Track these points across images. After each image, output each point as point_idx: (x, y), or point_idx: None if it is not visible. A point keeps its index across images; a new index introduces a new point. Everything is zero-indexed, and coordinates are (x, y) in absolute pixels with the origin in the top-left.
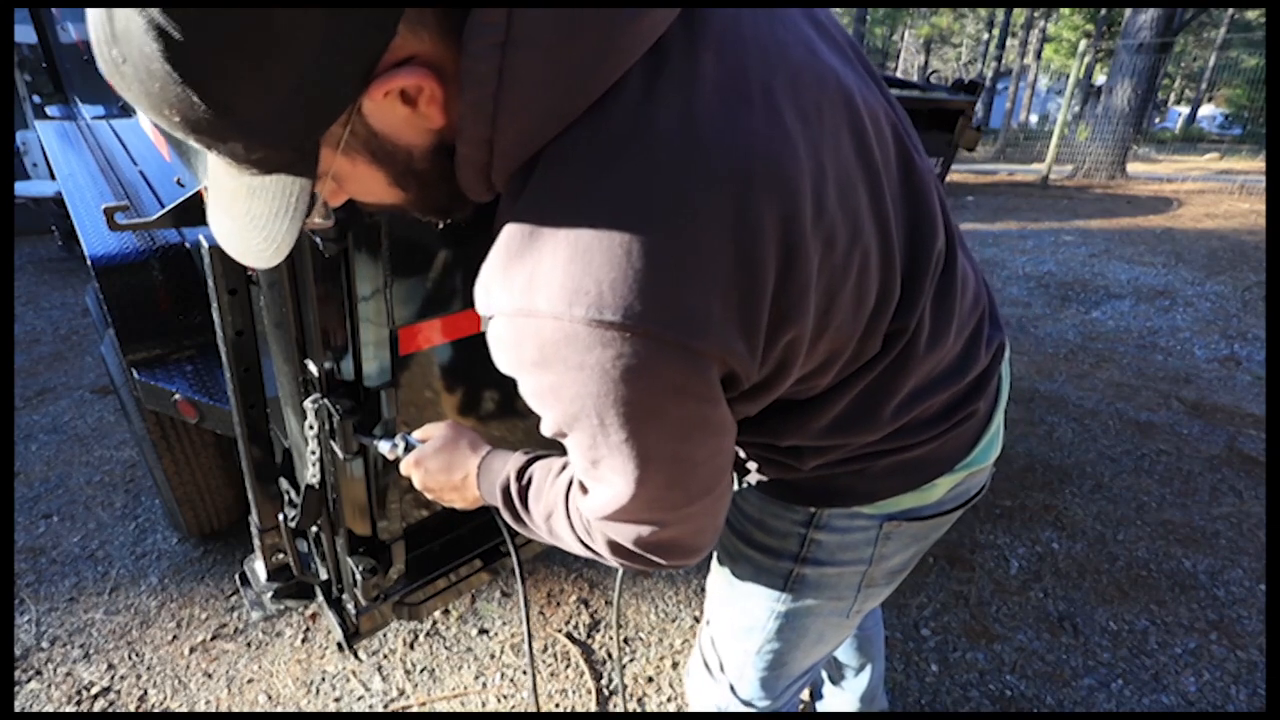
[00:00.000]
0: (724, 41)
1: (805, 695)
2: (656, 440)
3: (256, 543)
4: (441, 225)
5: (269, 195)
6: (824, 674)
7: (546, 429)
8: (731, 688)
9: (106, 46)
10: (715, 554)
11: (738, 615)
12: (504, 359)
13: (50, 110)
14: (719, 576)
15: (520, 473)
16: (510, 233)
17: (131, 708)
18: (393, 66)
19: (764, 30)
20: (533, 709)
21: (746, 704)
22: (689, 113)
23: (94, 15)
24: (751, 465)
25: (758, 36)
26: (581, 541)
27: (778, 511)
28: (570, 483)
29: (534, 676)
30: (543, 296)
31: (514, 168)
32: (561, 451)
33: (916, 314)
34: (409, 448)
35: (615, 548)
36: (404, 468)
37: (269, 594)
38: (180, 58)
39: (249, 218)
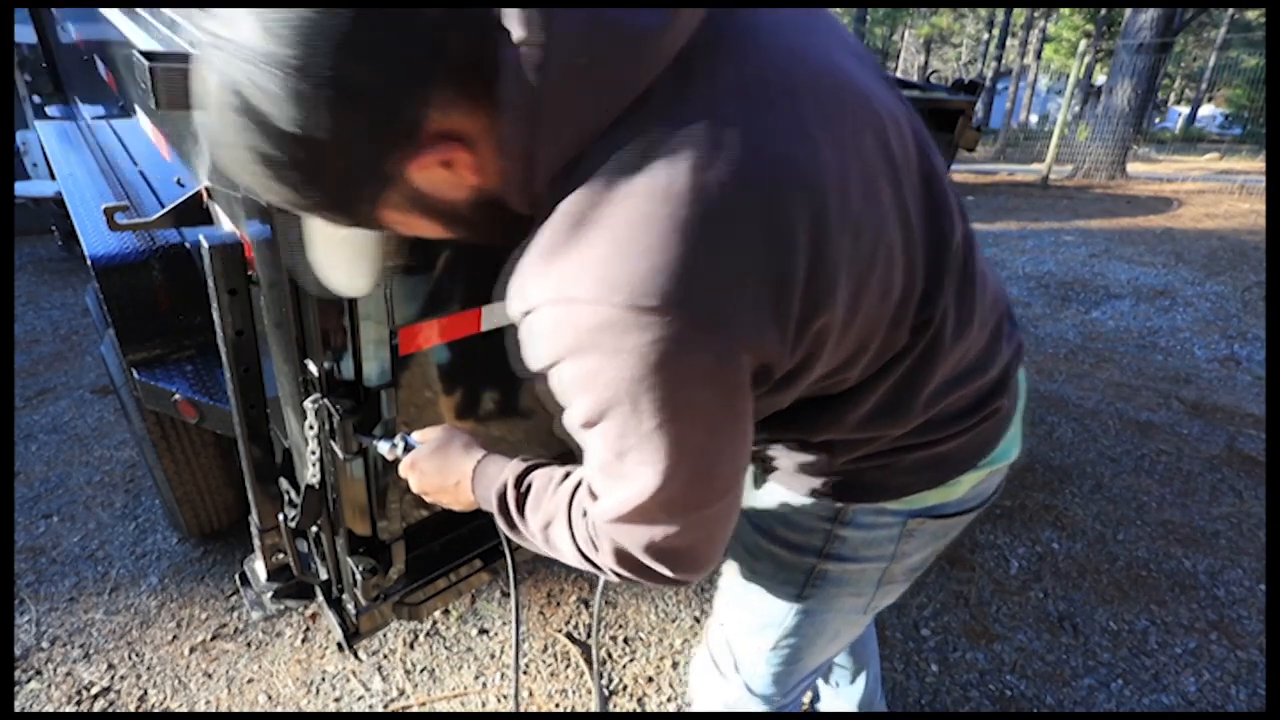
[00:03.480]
0: (744, 51)
1: (804, 699)
2: (687, 428)
3: (256, 543)
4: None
5: (348, 242)
6: (819, 679)
7: (574, 421)
8: (745, 685)
9: (217, 149)
10: (731, 552)
11: (755, 611)
12: (540, 350)
13: (50, 110)
14: (735, 573)
15: (519, 480)
16: (549, 230)
17: (131, 708)
18: (428, 144)
19: (782, 40)
20: (534, 709)
21: (763, 699)
22: (716, 116)
23: (208, 127)
24: (781, 462)
25: (776, 46)
26: (581, 552)
27: (804, 507)
28: (574, 491)
29: (516, 678)
30: (582, 285)
31: (552, 176)
32: (560, 457)
33: (941, 305)
34: (408, 448)
35: (622, 557)
36: (401, 469)
37: (269, 594)
38: (275, 170)
39: (338, 258)
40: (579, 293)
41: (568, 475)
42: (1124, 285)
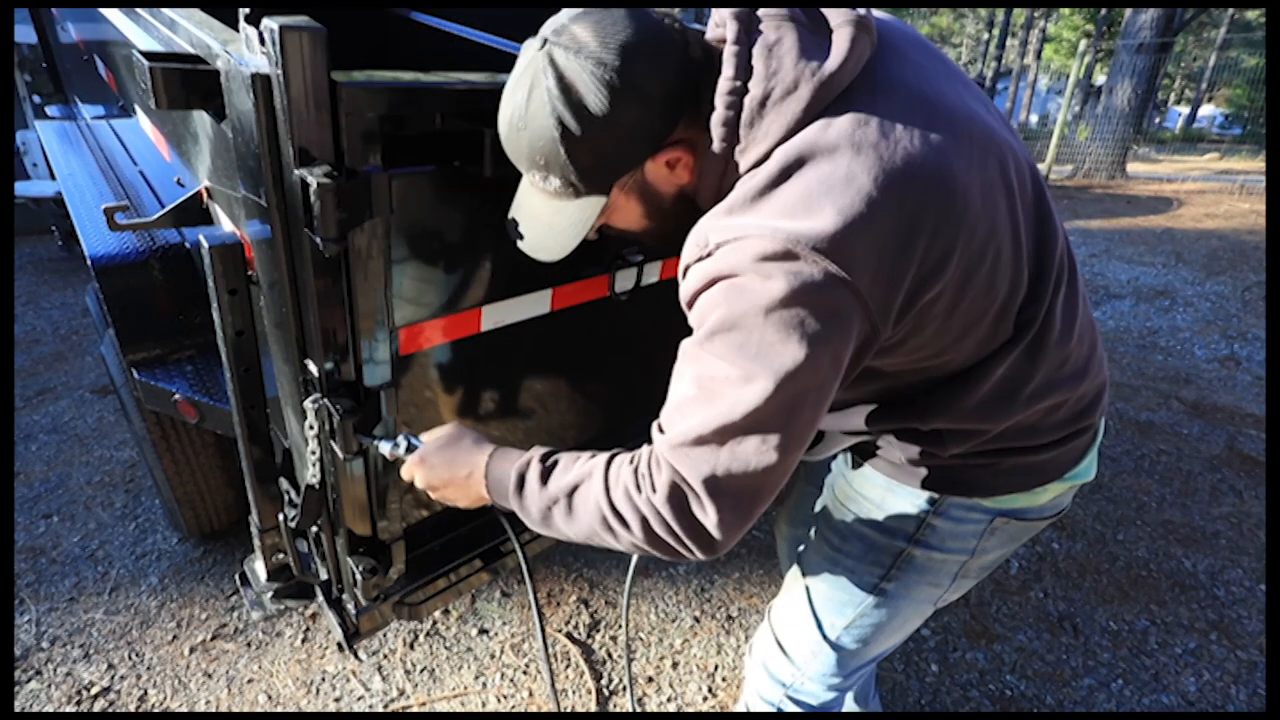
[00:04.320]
0: (894, 89)
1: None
2: (797, 352)
3: (256, 543)
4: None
5: (569, 214)
6: None
7: (700, 335)
8: (808, 665)
9: (514, 117)
10: (818, 531)
11: (837, 590)
12: (703, 274)
13: (50, 110)
14: (820, 553)
15: (545, 456)
16: (735, 197)
17: (131, 708)
18: (670, 145)
19: (924, 83)
20: (534, 709)
21: (822, 681)
22: (871, 130)
23: (513, 98)
24: (891, 453)
25: (920, 87)
26: (613, 507)
27: (903, 495)
28: (611, 457)
29: (550, 675)
30: (756, 228)
31: (741, 173)
32: (570, 443)
33: (1043, 307)
34: (411, 448)
35: (674, 494)
36: (406, 468)
37: (269, 594)
38: (567, 140)
39: (550, 228)
40: (751, 232)
41: (594, 455)
42: (1124, 285)
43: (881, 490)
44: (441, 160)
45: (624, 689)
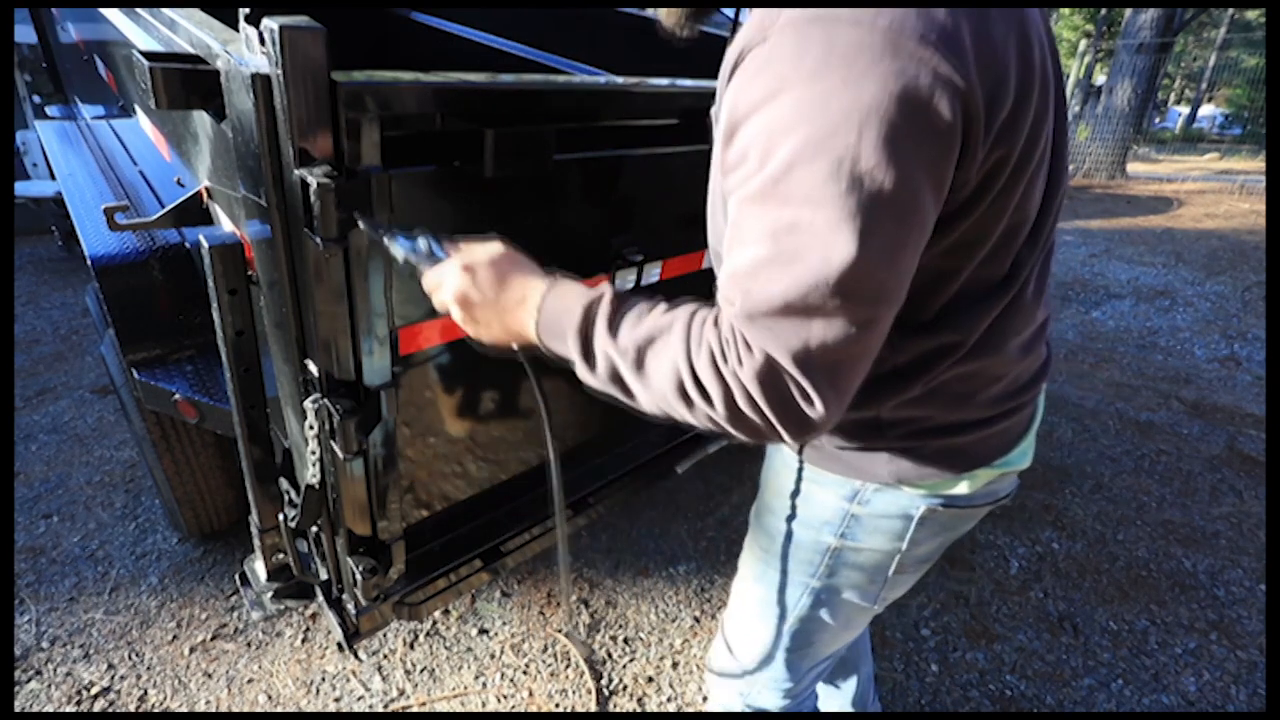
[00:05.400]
0: None
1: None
2: (901, 178)
3: (256, 543)
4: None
5: None
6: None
7: (772, 169)
8: (760, 670)
9: None
10: (751, 533)
11: (772, 591)
12: (771, 76)
13: (50, 110)
14: (754, 554)
15: (617, 297)
16: None
17: (131, 708)
18: None
19: None
20: (534, 709)
21: (776, 686)
22: None
23: None
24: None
25: None
26: (693, 373)
27: (823, 484)
28: (694, 311)
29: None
30: (839, 13)
31: None
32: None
33: (1036, 252)
34: (433, 255)
35: (764, 369)
36: (440, 273)
37: (269, 594)
38: None
39: None
40: (842, 10)
41: (677, 305)
42: (1124, 285)
43: (805, 481)
44: (441, 160)
45: (624, 689)
